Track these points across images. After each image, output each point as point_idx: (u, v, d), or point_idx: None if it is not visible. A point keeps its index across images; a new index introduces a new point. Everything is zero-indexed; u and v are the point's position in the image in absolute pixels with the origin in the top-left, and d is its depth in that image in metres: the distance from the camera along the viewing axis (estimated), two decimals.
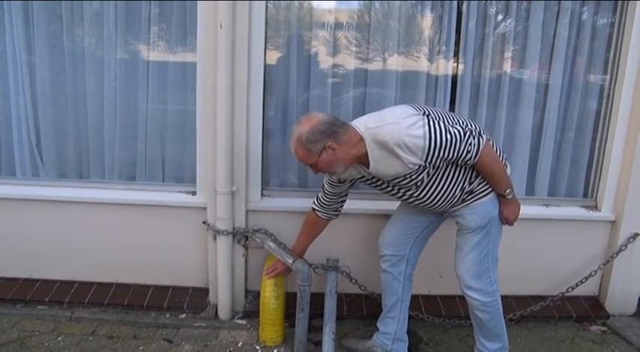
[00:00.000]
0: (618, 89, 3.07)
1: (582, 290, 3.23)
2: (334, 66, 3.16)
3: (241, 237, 3.09)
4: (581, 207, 3.30)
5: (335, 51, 3.13)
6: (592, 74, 3.21)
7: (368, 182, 2.50)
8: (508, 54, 3.17)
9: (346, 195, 2.67)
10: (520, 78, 3.23)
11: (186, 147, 3.17)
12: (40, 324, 2.99)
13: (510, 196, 2.46)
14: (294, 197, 3.20)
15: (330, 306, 2.86)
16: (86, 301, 3.12)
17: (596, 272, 3.21)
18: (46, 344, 2.84)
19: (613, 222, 3.23)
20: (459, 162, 2.33)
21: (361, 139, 2.30)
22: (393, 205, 3.06)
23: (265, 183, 3.16)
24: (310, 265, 2.84)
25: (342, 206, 2.69)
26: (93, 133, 3.20)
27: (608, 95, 3.15)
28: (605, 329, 3.23)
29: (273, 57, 3.10)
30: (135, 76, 3.15)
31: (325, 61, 3.16)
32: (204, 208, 3.06)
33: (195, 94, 2.98)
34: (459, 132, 2.27)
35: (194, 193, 3.14)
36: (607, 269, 3.29)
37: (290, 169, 3.23)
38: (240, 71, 2.85)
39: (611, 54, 3.11)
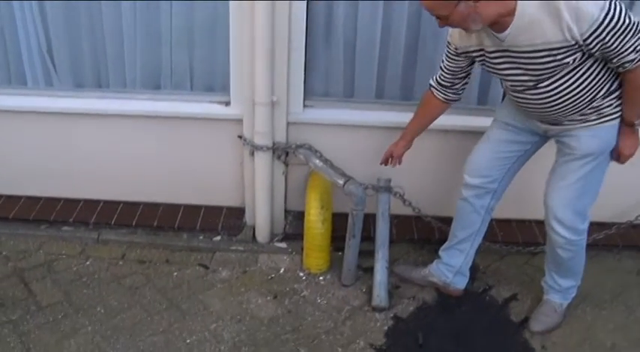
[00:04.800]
0: None
1: None
2: None
3: (282, 152, 2.77)
4: None
5: None
6: None
7: (488, 59, 2.03)
8: None
9: (467, 76, 2.24)
10: None
11: (217, 51, 2.77)
12: (67, 247, 2.77)
13: None
14: (339, 107, 2.83)
15: (382, 231, 2.60)
16: (113, 222, 2.87)
17: None
18: (74, 268, 2.63)
19: None
20: (614, 61, 1.87)
21: None
22: (454, 121, 2.71)
23: (307, 93, 2.78)
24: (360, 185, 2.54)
25: (464, 88, 2.28)
26: (110, 36, 2.79)
27: None
28: None
29: None
30: None
31: None
32: (240, 120, 2.72)
33: None
34: (638, 23, 1.81)
35: (228, 104, 2.79)
36: None
37: (335, 77, 2.84)
38: None
39: None
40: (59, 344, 2.21)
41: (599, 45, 1.80)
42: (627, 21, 1.76)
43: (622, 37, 1.78)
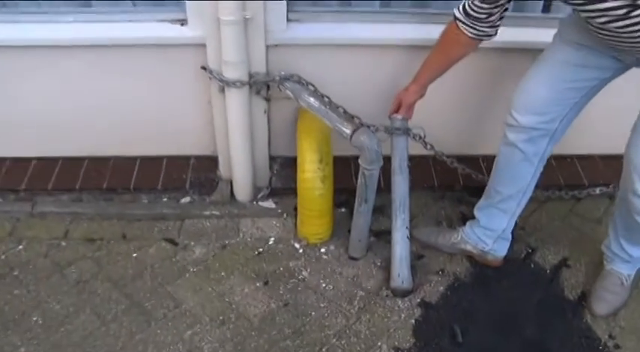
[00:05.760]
0: None
1: None
2: None
3: (261, 86, 2.08)
4: None
5: None
6: None
7: None
8: None
9: (509, 1, 1.57)
10: None
11: None
12: None
13: None
14: (334, 21, 2.11)
15: (400, 189, 2.00)
16: (50, 186, 2.22)
17: None
18: (3, 256, 2.02)
19: None
20: None
21: None
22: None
23: (291, 3, 2.04)
24: (368, 127, 1.90)
25: (502, 17, 1.63)
26: None
27: None
28: None
29: None
30: None
31: None
32: (203, 45, 2.00)
33: None
34: None
35: (184, 22, 2.04)
36: None
37: None
38: None
39: None
40: None
41: None
42: None
43: None
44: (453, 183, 2.36)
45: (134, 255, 2.03)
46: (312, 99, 1.97)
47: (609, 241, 1.93)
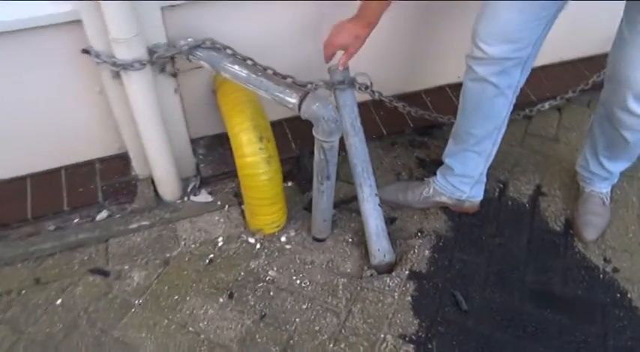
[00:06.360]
0: None
1: None
2: None
3: (165, 61, 1.68)
4: None
5: None
6: None
7: None
8: None
9: None
10: None
11: None
12: None
13: None
14: None
15: (359, 152, 1.73)
16: None
17: None
18: None
19: None
20: None
21: None
22: None
23: None
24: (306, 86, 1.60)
25: None
26: None
27: None
28: None
29: None
30: None
31: None
32: (78, 22, 1.54)
33: None
34: None
35: None
36: None
37: None
38: None
39: None
40: None
41: None
42: None
43: None
44: (402, 127, 2.13)
45: (58, 301, 1.62)
46: (236, 67, 1.59)
47: (586, 161, 1.80)
